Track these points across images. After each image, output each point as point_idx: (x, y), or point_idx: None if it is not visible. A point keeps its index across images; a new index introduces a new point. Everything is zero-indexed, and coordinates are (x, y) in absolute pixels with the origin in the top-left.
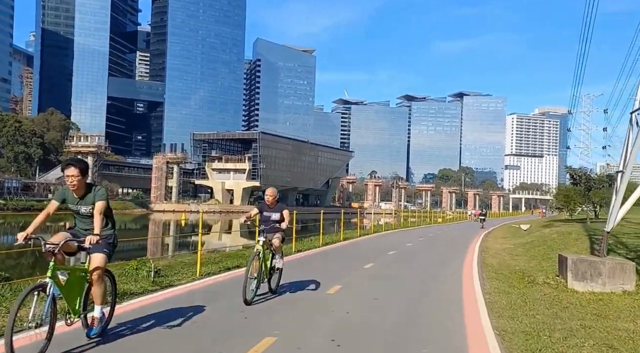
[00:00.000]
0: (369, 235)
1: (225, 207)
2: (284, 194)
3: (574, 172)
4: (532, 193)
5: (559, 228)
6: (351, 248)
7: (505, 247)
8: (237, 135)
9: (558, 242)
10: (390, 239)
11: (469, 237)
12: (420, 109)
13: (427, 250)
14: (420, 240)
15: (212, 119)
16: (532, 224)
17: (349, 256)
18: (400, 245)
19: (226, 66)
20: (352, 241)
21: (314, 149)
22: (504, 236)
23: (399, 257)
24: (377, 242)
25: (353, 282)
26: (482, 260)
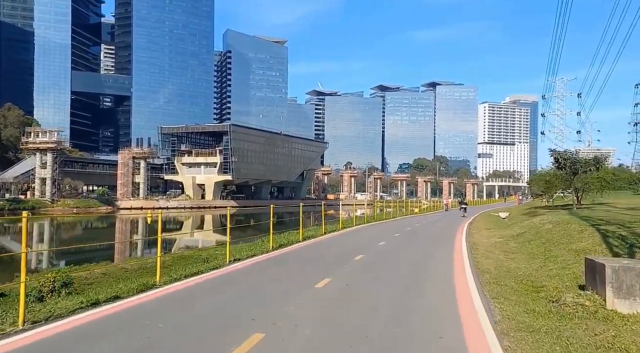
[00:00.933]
0: (336, 232)
1: (196, 203)
2: (257, 187)
3: (559, 156)
4: (504, 181)
5: (548, 217)
6: (310, 251)
7: (495, 242)
8: (207, 128)
9: (556, 235)
10: (361, 237)
11: (451, 230)
12: (394, 99)
13: (404, 252)
14: (396, 237)
15: (182, 112)
16: (510, 212)
17: (301, 267)
18: (370, 246)
19: (195, 58)
20: (314, 241)
21: (288, 140)
22: (488, 227)
23: (368, 265)
24: (344, 242)
25: (290, 318)
26: (475, 263)
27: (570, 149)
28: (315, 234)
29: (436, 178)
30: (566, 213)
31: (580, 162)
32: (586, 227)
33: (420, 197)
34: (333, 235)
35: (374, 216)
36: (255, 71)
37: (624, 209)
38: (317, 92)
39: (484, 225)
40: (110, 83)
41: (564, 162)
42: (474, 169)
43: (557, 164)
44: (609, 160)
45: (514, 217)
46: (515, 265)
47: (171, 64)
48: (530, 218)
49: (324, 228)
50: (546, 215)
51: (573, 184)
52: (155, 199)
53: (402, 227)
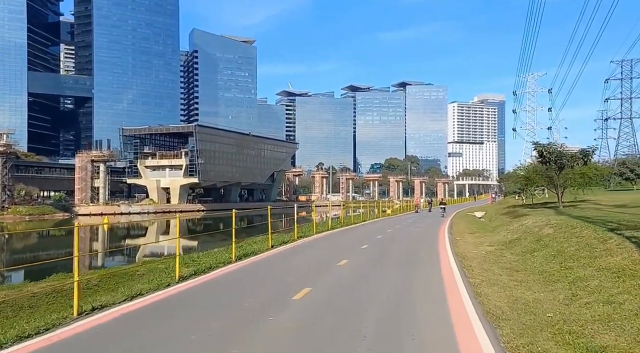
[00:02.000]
0: (286, 244)
1: (161, 207)
2: (226, 190)
3: (543, 149)
4: (474, 179)
5: (539, 218)
6: (240, 282)
7: (486, 252)
8: (171, 129)
9: (568, 245)
10: (319, 250)
11: (431, 237)
12: (364, 99)
13: (372, 281)
14: (363, 251)
15: (147, 114)
16: (486, 211)
17: (208, 314)
18: (325, 270)
19: (160, 58)
20: (253, 260)
21: (257, 141)
22: (470, 230)
23: (311, 313)
24: (293, 261)
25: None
26: (477, 296)
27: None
28: (260, 249)
29: (408, 178)
30: (554, 213)
31: (566, 156)
32: (603, 233)
33: (392, 197)
34: (281, 250)
35: (340, 221)
36: (223, 71)
37: (613, 207)
38: (287, 92)
39: (466, 228)
40: (71, 84)
41: (549, 155)
42: (445, 168)
43: (542, 158)
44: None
45: (494, 218)
46: (533, 295)
47: (135, 64)
48: (514, 219)
49: (269, 241)
50: (535, 216)
51: (555, 180)
52: (117, 204)
53: (373, 235)
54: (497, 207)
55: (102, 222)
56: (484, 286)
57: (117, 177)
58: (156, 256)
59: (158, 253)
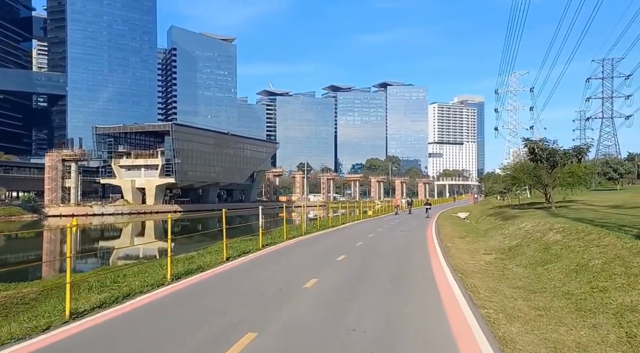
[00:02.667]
0: (247, 255)
1: (135, 208)
2: (204, 190)
3: (535, 146)
4: (454, 180)
5: (538, 221)
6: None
7: (485, 263)
8: (147, 127)
9: (584, 255)
10: (280, 266)
11: (418, 244)
12: (346, 100)
13: (349, 320)
14: (338, 265)
15: (123, 112)
16: (470, 212)
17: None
18: (287, 294)
19: (137, 55)
20: (192, 282)
21: (236, 140)
22: (460, 234)
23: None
24: (244, 282)
25: None
26: (502, 341)
27: (517, 145)
28: (210, 263)
29: (389, 178)
30: (548, 214)
31: (559, 153)
32: (632, 241)
33: (373, 197)
34: (244, 263)
35: (316, 225)
36: (203, 70)
37: (608, 208)
38: (268, 92)
39: (454, 231)
40: (44, 81)
41: (540, 153)
42: (425, 168)
43: (532, 156)
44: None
45: (480, 219)
46: (571, 336)
47: (110, 61)
48: (506, 221)
49: (224, 252)
50: (530, 218)
51: (543, 179)
52: (89, 205)
53: (352, 240)
54: (481, 207)
55: (70, 223)
56: (502, 323)
57: (90, 177)
58: (132, 259)
59: (133, 256)
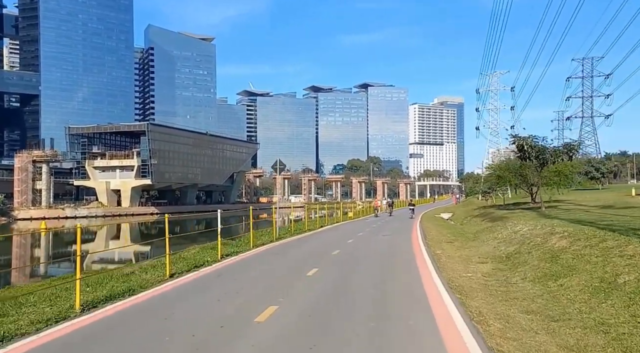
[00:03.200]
0: (200, 269)
1: (110, 210)
2: (182, 192)
3: (524, 142)
4: (435, 180)
5: (530, 222)
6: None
7: (486, 276)
8: (122, 127)
9: (606, 267)
10: (237, 285)
11: (404, 251)
12: (327, 100)
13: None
14: (308, 283)
15: (99, 112)
16: (453, 212)
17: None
18: (232, 333)
19: (113, 54)
20: (107, 313)
21: (215, 141)
22: (448, 238)
23: None
24: (178, 315)
25: None
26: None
27: (497, 145)
28: (148, 282)
29: (370, 178)
30: (540, 215)
31: (549, 150)
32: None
33: (355, 198)
34: (194, 280)
35: (290, 229)
36: (181, 69)
37: (599, 208)
38: (248, 92)
39: (440, 234)
40: (15, 80)
41: (530, 150)
42: (406, 168)
43: (521, 153)
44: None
45: (465, 220)
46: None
47: (85, 60)
48: (494, 223)
49: (168, 270)
50: (523, 220)
51: (529, 178)
52: (61, 208)
53: (328, 248)
54: (464, 208)
55: (39, 227)
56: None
57: (63, 179)
58: (108, 263)
59: (108, 259)
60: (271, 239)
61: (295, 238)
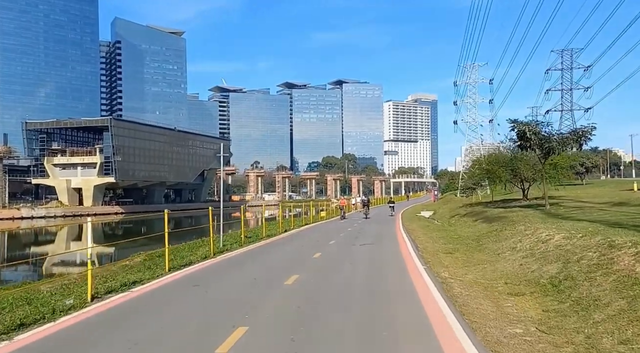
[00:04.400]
0: (133, 289)
1: (71, 210)
2: (149, 190)
3: (526, 128)
4: (410, 177)
5: (553, 227)
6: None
7: (539, 327)
8: (83, 123)
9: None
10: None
11: (393, 273)
12: (301, 97)
13: None
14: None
15: (63, 108)
16: (434, 210)
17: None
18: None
19: (77, 47)
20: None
21: (184, 137)
22: (445, 248)
23: None
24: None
25: None
26: None
27: (478, 139)
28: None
29: (345, 176)
30: (550, 216)
31: (555, 138)
32: None
33: (330, 195)
34: (121, 304)
35: (240, 237)
36: (150, 64)
37: (609, 205)
38: (220, 88)
39: (430, 239)
40: None
41: (534, 137)
42: (381, 166)
43: (521, 142)
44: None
45: (454, 221)
46: None
47: (48, 54)
48: (491, 224)
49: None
50: (539, 223)
51: (521, 173)
52: (16, 207)
53: (284, 269)
54: (446, 205)
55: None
56: None
57: (20, 177)
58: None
59: (70, 262)
60: (210, 253)
61: (240, 253)
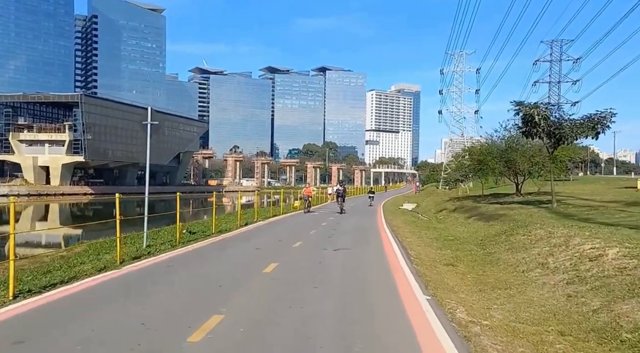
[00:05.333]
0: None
1: (36, 189)
2: (122, 171)
3: (535, 112)
4: (390, 167)
5: (595, 235)
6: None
7: None
8: (52, 98)
9: None
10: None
11: (384, 302)
12: (283, 82)
13: None
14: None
15: (34, 83)
16: (417, 203)
17: None
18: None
19: (51, 19)
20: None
21: (159, 117)
22: (442, 256)
23: None
24: None
25: None
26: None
27: (459, 132)
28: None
29: (325, 164)
30: (561, 216)
31: (567, 125)
32: None
33: (309, 183)
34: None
35: (205, 225)
36: (127, 41)
37: (623, 205)
38: (201, 69)
39: (425, 244)
40: None
41: (543, 123)
42: (362, 155)
43: (527, 128)
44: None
45: (441, 216)
46: None
47: (19, 25)
48: (488, 223)
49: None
50: (562, 228)
51: (517, 165)
52: None
53: (217, 297)
54: (429, 198)
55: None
56: None
57: None
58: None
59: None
60: (106, 264)
61: (161, 261)
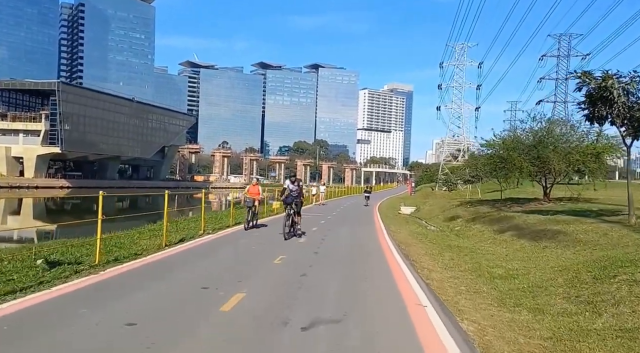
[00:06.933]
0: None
1: (8, 181)
2: (101, 164)
3: (612, 83)
4: (381, 167)
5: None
6: None
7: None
8: (27, 85)
9: None
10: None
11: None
12: (275, 78)
13: None
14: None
15: (15, 71)
16: (416, 206)
17: None
18: None
19: (34, 5)
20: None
21: (143, 109)
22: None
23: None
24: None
25: None
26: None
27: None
28: None
29: (316, 162)
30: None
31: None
32: None
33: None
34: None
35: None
36: (115, 31)
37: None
38: (191, 63)
39: (466, 286)
40: None
41: (623, 100)
42: (353, 154)
43: (597, 107)
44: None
45: (457, 227)
46: None
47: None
48: (548, 245)
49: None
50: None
51: (551, 163)
52: None
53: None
54: (429, 201)
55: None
56: None
57: None
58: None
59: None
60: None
61: (126, 267)
